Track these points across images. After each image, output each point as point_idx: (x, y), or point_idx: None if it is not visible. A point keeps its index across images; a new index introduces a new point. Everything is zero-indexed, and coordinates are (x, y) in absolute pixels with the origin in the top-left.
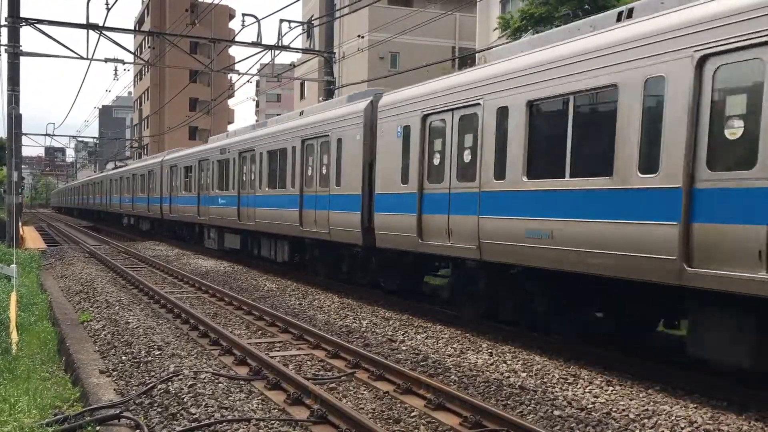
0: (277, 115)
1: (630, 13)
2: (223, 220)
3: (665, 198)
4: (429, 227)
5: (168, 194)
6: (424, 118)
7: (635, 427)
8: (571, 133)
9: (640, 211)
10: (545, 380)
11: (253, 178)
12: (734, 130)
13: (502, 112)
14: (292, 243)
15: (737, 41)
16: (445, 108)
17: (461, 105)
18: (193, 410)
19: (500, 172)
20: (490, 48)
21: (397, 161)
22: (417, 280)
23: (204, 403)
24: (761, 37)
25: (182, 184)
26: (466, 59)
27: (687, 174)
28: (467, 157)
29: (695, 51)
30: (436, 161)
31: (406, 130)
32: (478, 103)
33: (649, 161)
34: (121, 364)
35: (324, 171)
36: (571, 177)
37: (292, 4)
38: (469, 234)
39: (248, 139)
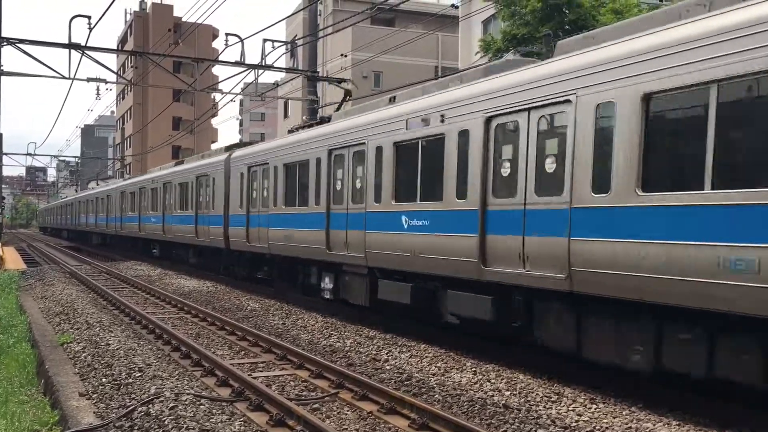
0: (262, 134)
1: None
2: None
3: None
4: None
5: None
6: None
7: None
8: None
9: None
10: (529, 399)
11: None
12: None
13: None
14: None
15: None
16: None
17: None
18: None
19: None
20: (474, 67)
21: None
22: None
23: (185, 426)
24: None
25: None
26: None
27: None
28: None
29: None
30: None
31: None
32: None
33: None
34: (101, 387)
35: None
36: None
37: (275, 24)
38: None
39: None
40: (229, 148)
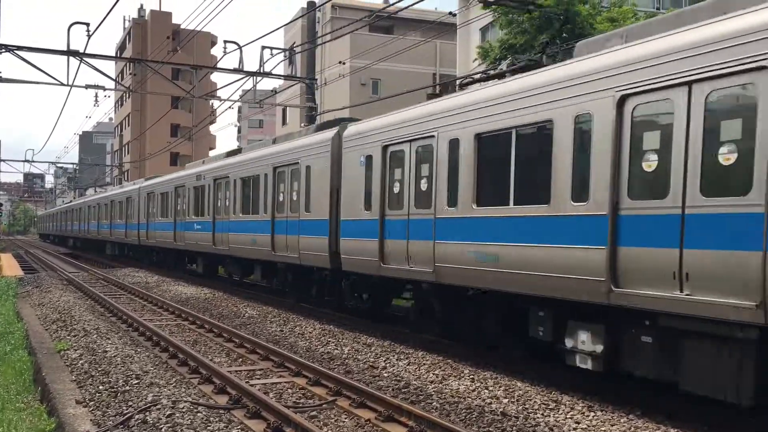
0: (259, 140)
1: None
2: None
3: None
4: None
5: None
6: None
7: None
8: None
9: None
10: (527, 406)
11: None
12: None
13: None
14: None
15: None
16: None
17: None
18: None
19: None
20: (472, 74)
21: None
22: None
23: None
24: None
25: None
26: (447, 86)
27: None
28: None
29: None
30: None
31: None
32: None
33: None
34: (98, 394)
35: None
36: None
37: (274, 31)
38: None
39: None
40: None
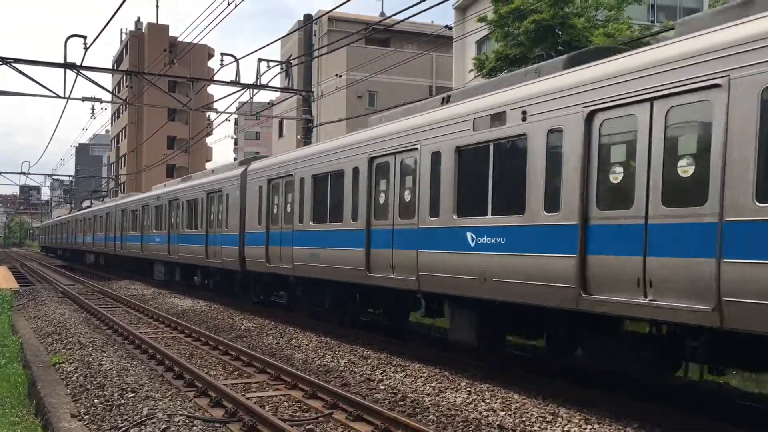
0: (256, 153)
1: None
2: None
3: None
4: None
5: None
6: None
7: None
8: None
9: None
10: (524, 419)
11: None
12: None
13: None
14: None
15: None
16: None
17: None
18: None
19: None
20: (466, 86)
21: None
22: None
23: None
24: None
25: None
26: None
27: None
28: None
29: None
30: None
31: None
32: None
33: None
34: (93, 408)
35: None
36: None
37: (270, 44)
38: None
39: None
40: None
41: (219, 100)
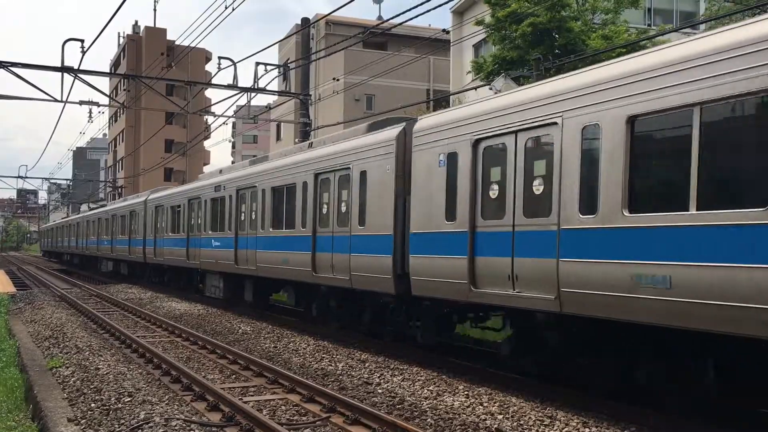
0: (254, 156)
1: None
2: None
3: None
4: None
5: None
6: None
7: None
8: None
9: None
10: (522, 422)
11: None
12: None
13: None
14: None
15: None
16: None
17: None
18: None
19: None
20: (465, 90)
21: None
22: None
23: None
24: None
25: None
26: (440, 101)
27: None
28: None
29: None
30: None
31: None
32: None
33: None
34: (90, 412)
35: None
36: None
37: (268, 47)
38: None
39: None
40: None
41: (217, 103)
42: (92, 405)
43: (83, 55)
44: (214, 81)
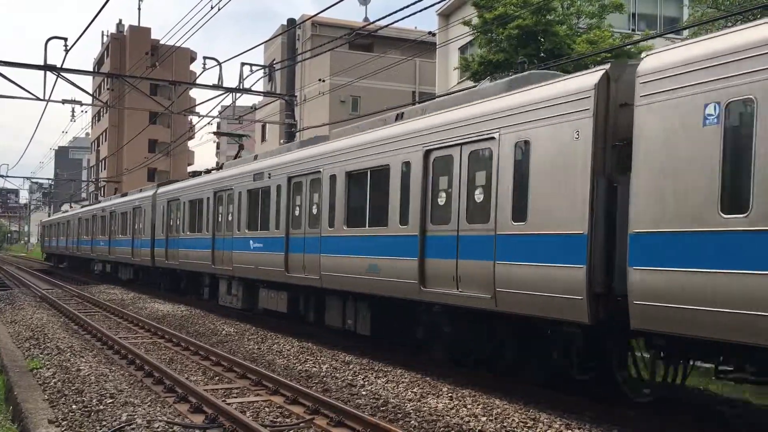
0: (237, 157)
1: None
2: None
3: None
4: None
5: None
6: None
7: None
8: None
9: None
10: (505, 424)
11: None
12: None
13: None
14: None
15: None
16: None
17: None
18: None
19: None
20: (450, 93)
21: None
22: None
23: None
24: None
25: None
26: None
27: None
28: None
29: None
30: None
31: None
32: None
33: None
34: (71, 414)
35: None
36: None
37: (254, 48)
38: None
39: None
40: None
41: (201, 103)
42: (73, 406)
43: (66, 54)
44: (198, 81)
